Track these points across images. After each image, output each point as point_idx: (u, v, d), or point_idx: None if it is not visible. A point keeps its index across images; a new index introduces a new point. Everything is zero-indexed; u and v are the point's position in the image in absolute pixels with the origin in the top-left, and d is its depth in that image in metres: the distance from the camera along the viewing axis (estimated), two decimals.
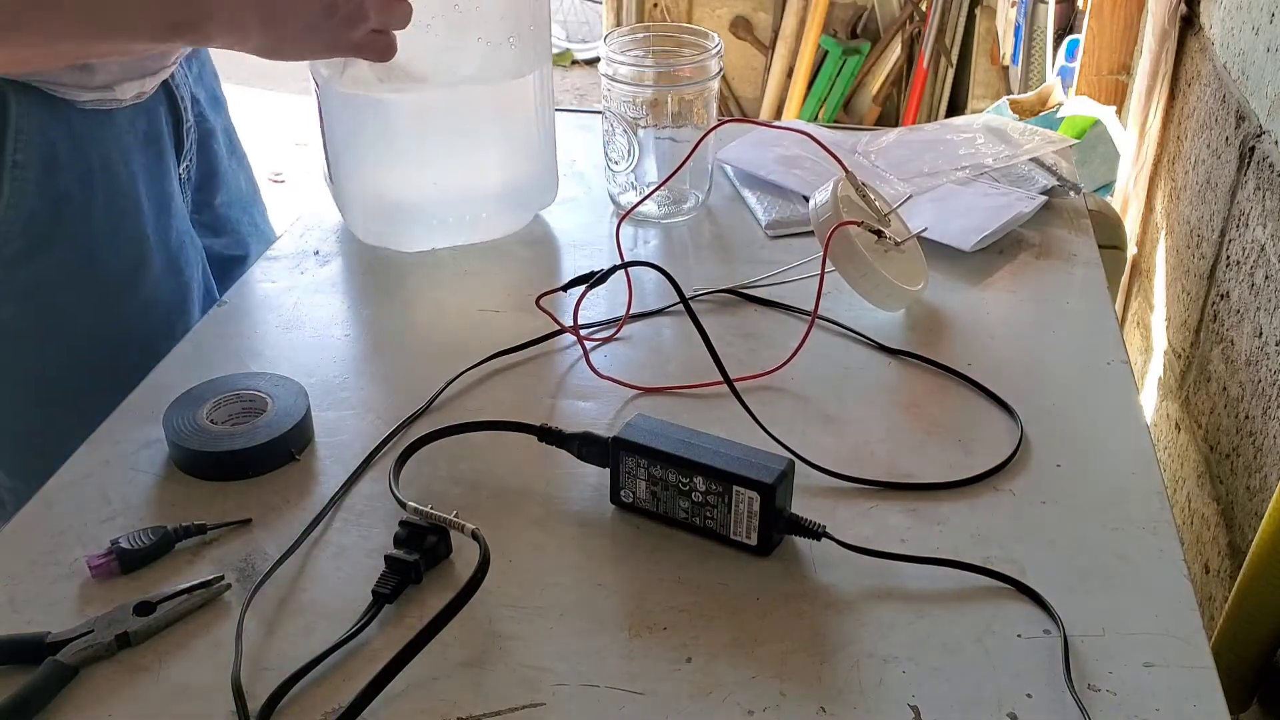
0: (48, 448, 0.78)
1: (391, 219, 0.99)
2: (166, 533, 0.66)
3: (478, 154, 0.97)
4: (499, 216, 1.01)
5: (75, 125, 0.84)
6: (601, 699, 0.58)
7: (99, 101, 0.85)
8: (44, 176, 0.83)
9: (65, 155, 0.84)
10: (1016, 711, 0.57)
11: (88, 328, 0.89)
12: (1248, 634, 0.85)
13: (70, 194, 0.84)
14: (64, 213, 0.84)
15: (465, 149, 0.96)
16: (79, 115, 0.84)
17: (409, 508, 0.66)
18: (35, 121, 0.81)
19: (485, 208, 1.00)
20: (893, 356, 0.86)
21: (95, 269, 0.88)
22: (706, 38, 1.02)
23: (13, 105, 0.80)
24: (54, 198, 0.84)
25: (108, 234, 0.88)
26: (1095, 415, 0.79)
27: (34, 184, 0.82)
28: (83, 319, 0.88)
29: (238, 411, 0.76)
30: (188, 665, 0.60)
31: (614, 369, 0.84)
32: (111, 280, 0.89)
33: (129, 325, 0.91)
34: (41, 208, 0.83)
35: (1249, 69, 1.09)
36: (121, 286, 0.90)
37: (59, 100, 0.82)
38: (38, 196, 0.83)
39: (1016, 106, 1.82)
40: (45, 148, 0.82)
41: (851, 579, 0.65)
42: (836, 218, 0.87)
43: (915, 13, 3.03)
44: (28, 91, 0.81)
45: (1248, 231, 1.04)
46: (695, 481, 0.66)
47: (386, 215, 0.99)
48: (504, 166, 1.00)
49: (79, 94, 0.83)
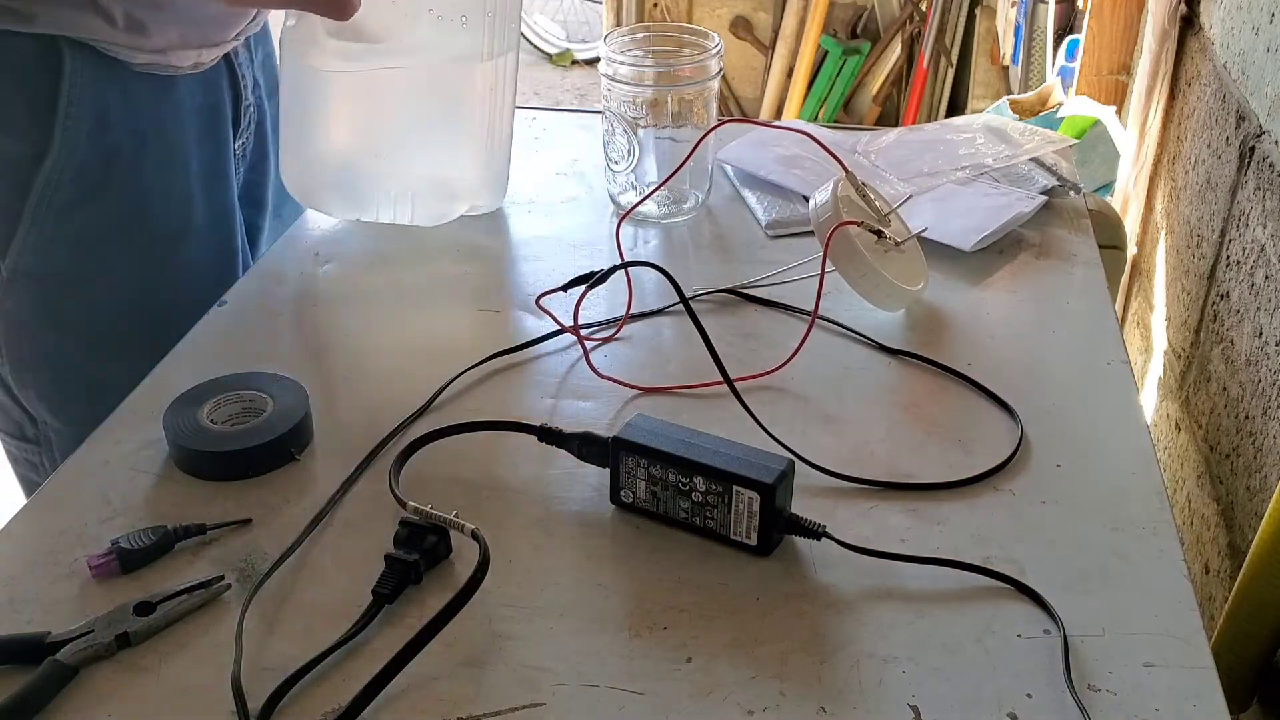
0: (94, 393, 0.84)
1: (323, 182, 0.98)
2: (166, 533, 0.66)
3: (414, 134, 0.95)
4: (426, 204, 0.99)
5: (130, 86, 0.87)
6: (601, 699, 0.58)
7: (153, 65, 0.87)
8: (95, 131, 0.86)
9: (117, 114, 0.87)
10: (1016, 711, 0.57)
11: (135, 280, 0.92)
12: (1248, 634, 0.85)
13: (120, 150, 0.88)
14: (113, 167, 0.88)
15: (403, 126, 0.94)
16: (134, 77, 0.87)
17: (409, 507, 0.66)
18: (88, 78, 0.84)
19: (414, 191, 0.98)
20: (893, 356, 0.86)
21: (143, 224, 0.91)
22: (706, 38, 1.02)
23: (67, 61, 0.83)
24: (104, 153, 0.87)
25: (157, 192, 0.91)
26: (1095, 415, 0.79)
27: (85, 137, 0.85)
28: (130, 271, 0.92)
29: (238, 411, 0.76)
30: (188, 665, 0.60)
31: (614, 369, 0.84)
32: (158, 237, 0.93)
33: (174, 282, 0.95)
34: (92, 160, 0.86)
35: (1249, 69, 1.09)
36: (168, 244, 0.94)
37: (114, 61, 0.85)
38: (89, 150, 0.86)
39: (1016, 106, 1.82)
40: (98, 104, 0.85)
41: (851, 579, 0.65)
42: (836, 218, 0.87)
43: (915, 13, 3.03)
44: (82, 49, 0.84)
45: (1248, 231, 1.04)
46: (695, 481, 0.66)
47: (318, 177, 0.98)
48: (438, 153, 0.98)
49: (133, 55, 0.86)
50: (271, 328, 0.90)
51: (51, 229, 0.87)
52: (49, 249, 0.88)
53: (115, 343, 0.92)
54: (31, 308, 0.91)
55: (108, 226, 0.89)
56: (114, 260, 0.90)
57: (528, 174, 1.14)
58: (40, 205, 0.86)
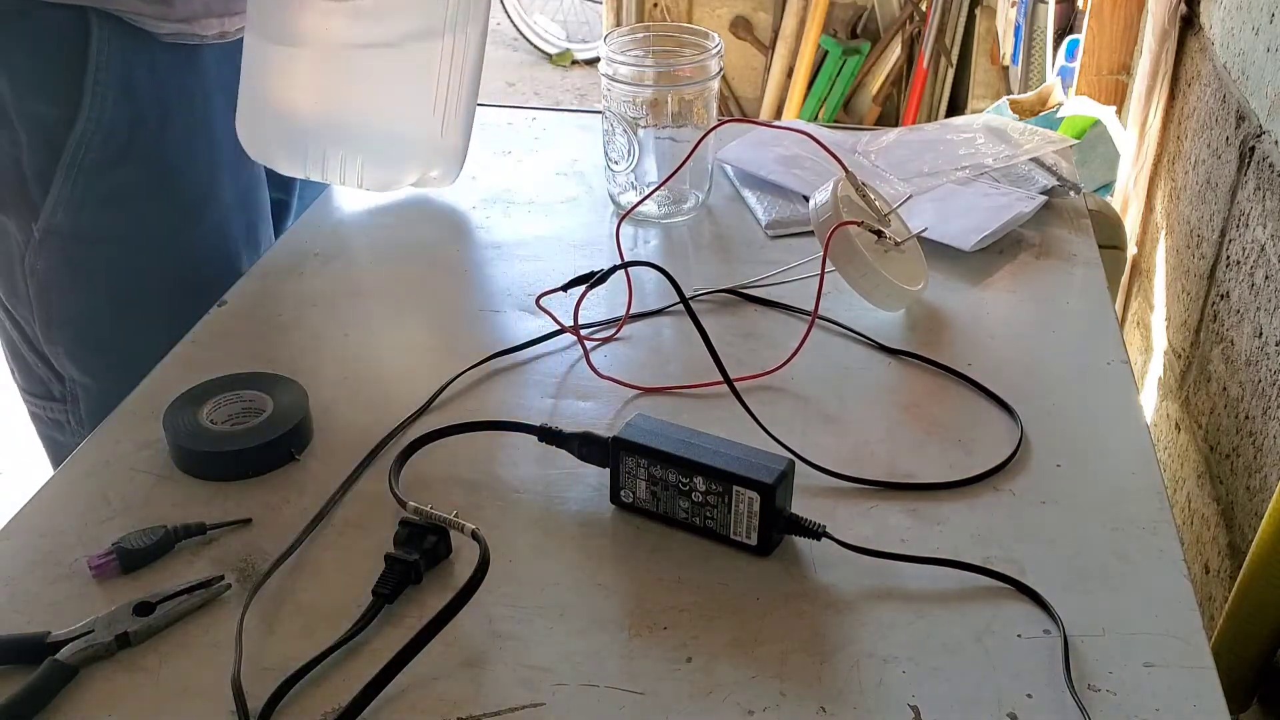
0: (120, 350, 0.90)
1: (274, 138, 0.97)
2: (166, 533, 0.66)
3: (365, 99, 0.95)
4: (374, 170, 0.99)
5: (157, 56, 0.90)
6: (601, 699, 0.58)
7: (179, 35, 0.90)
8: (122, 97, 0.89)
9: (143, 83, 0.90)
10: (1016, 711, 0.57)
11: (161, 242, 0.95)
12: (1248, 634, 0.85)
13: (146, 118, 0.91)
14: (140, 133, 0.91)
15: (354, 91, 0.94)
16: (161, 47, 0.90)
17: (409, 507, 0.66)
18: (115, 48, 0.87)
19: (363, 155, 0.97)
20: (893, 356, 0.86)
21: (170, 188, 0.94)
22: (706, 37, 1.02)
23: (94, 30, 0.86)
24: (131, 119, 0.90)
25: (183, 159, 0.94)
26: (1095, 415, 0.79)
27: (112, 103, 0.89)
28: (157, 233, 0.95)
29: (238, 411, 0.76)
30: (188, 665, 0.60)
31: (614, 369, 0.84)
32: (184, 202, 0.96)
33: (200, 247, 0.98)
34: (119, 125, 0.90)
35: (1249, 69, 1.09)
36: (194, 209, 0.97)
37: (140, 31, 0.88)
38: (115, 116, 0.89)
39: (1016, 106, 1.82)
40: (124, 73, 0.88)
41: (851, 579, 0.65)
42: (836, 218, 0.87)
43: (915, 13, 3.03)
44: (109, 20, 0.87)
45: (1248, 231, 1.04)
46: (695, 481, 0.66)
47: (270, 133, 0.97)
48: (389, 120, 0.97)
49: (159, 25, 0.89)
50: (271, 328, 0.90)
51: (82, 189, 0.90)
52: (80, 208, 0.91)
53: (141, 303, 0.96)
54: (62, 267, 0.94)
55: (136, 188, 0.92)
56: (141, 221, 0.94)
57: (528, 174, 1.14)
58: (71, 166, 0.89)
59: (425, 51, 0.95)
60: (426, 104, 0.97)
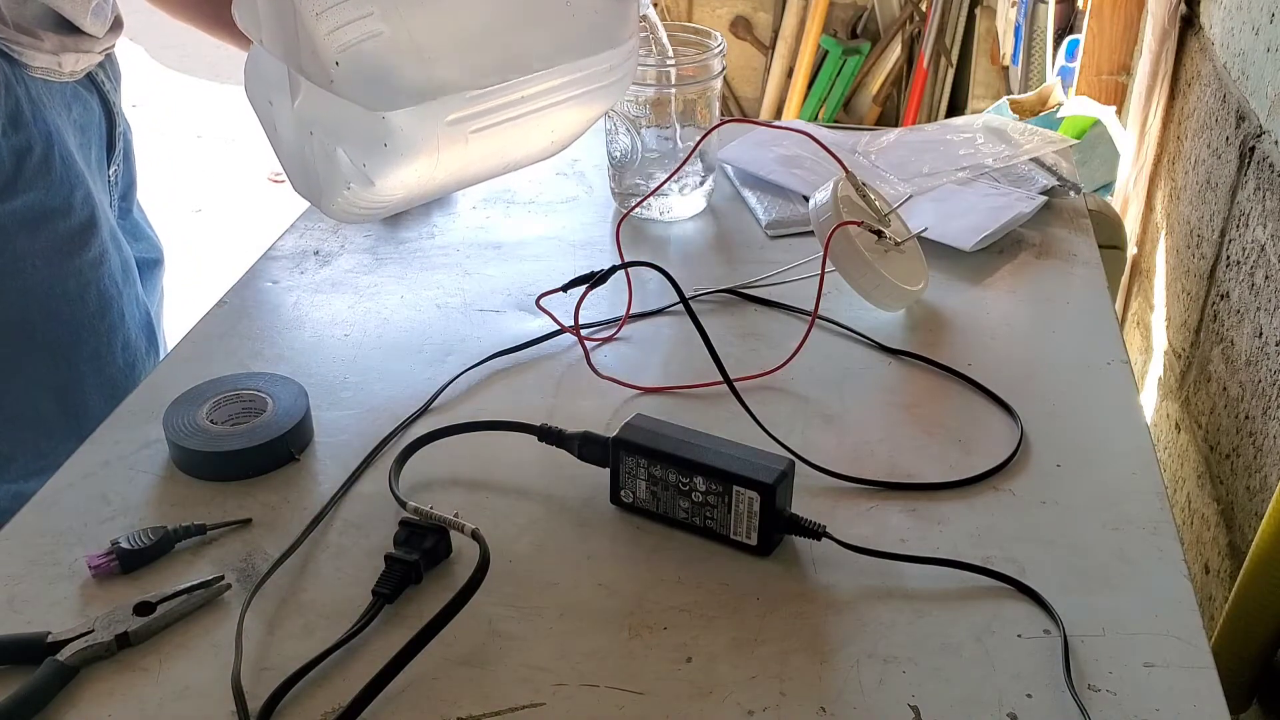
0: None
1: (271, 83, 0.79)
2: (166, 533, 0.66)
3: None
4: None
5: (31, 89, 0.90)
6: (601, 699, 0.58)
7: (46, 71, 0.91)
8: (9, 128, 0.88)
9: (26, 114, 0.89)
10: (1016, 711, 0.57)
11: (45, 275, 0.93)
12: (1248, 634, 0.85)
13: (32, 148, 0.90)
14: (25, 165, 0.90)
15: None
16: (32, 81, 0.90)
17: (409, 507, 0.66)
18: (2, 78, 0.87)
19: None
20: (893, 356, 0.86)
21: (53, 221, 0.93)
22: (709, 37, 1.02)
23: None
24: (17, 150, 0.89)
25: (64, 192, 0.93)
26: (1095, 415, 0.79)
27: (1, 135, 0.88)
28: (40, 265, 0.93)
29: (238, 411, 0.76)
30: (188, 665, 0.60)
31: (614, 369, 0.84)
32: (67, 234, 0.94)
33: (82, 281, 0.95)
34: (7, 158, 0.88)
35: (1249, 69, 1.09)
36: (76, 242, 0.95)
37: (18, 63, 0.89)
38: (5, 147, 0.88)
39: (1016, 106, 1.82)
40: (11, 104, 0.88)
41: (851, 579, 0.65)
42: (836, 218, 0.87)
43: (915, 13, 3.03)
44: None
45: (1248, 231, 1.04)
46: (695, 481, 0.66)
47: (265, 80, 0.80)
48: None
49: (33, 58, 0.89)
50: (271, 328, 0.90)
51: None
52: None
53: (23, 336, 0.92)
54: None
55: (20, 221, 0.90)
56: (25, 254, 0.91)
57: (528, 174, 1.14)
58: None
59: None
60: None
